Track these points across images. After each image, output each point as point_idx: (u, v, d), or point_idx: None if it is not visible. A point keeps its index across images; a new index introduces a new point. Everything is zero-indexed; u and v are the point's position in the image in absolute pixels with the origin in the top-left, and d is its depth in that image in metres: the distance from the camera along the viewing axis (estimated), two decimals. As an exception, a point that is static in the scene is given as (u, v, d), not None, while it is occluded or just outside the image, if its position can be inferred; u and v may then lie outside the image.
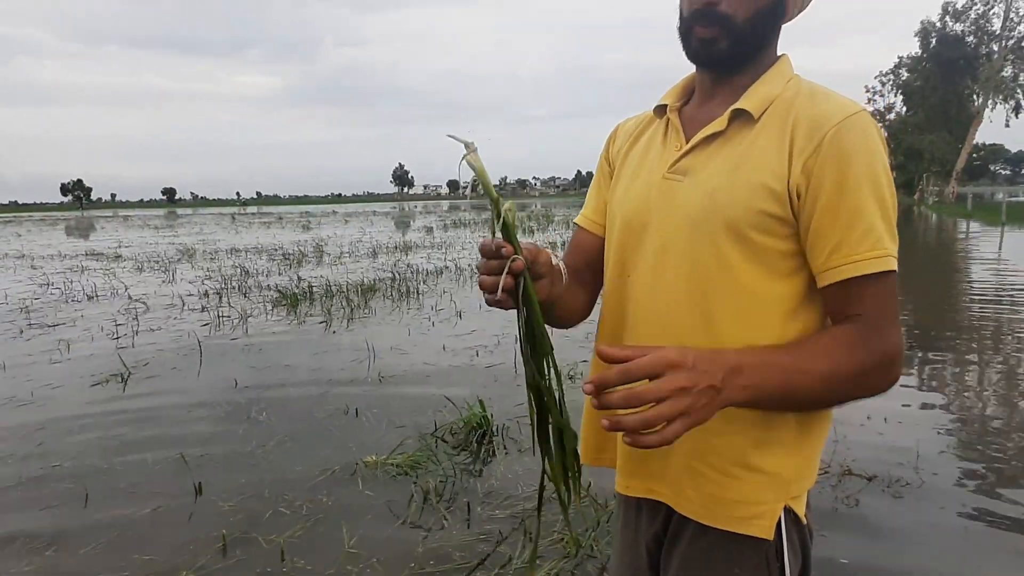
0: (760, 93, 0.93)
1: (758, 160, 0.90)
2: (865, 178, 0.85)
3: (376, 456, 3.42)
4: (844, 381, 0.86)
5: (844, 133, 0.85)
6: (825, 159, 0.85)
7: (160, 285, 10.69)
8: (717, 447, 0.94)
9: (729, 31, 0.91)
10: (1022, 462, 3.31)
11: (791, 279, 0.91)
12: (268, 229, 29.66)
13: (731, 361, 0.80)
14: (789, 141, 0.88)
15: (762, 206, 0.88)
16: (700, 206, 0.92)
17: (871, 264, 0.85)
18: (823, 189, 0.86)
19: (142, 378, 5.13)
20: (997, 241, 15.76)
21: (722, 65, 0.96)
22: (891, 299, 0.88)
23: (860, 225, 0.85)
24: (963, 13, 41.92)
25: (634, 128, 1.12)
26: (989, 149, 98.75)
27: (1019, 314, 7.13)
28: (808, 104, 0.89)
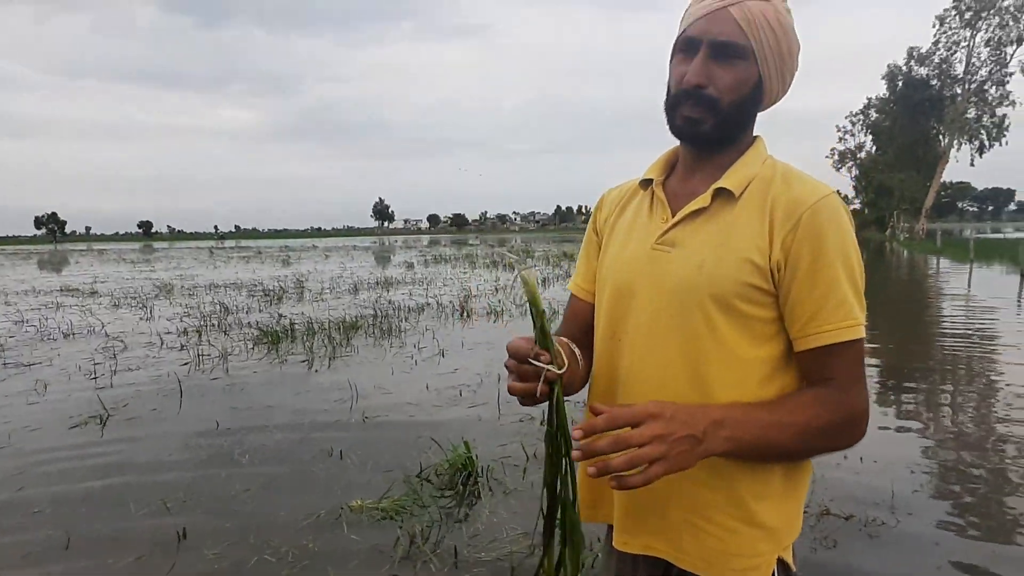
0: (740, 173, 1.02)
1: (741, 236, 0.99)
2: (837, 254, 0.95)
3: (361, 500, 3.42)
4: (815, 436, 0.95)
5: (818, 214, 0.95)
6: (802, 237, 0.95)
7: (138, 322, 10.58)
8: (714, 502, 1.01)
9: (715, 113, 1.00)
10: (993, 501, 3.41)
11: (771, 343, 1.00)
12: (247, 264, 29.50)
13: (715, 415, 0.90)
14: (769, 220, 0.98)
15: (747, 279, 0.97)
16: (689, 277, 1.01)
17: (844, 333, 0.95)
18: (800, 264, 0.95)
19: (122, 420, 5.08)
20: (966, 277, 16.19)
21: (704, 143, 1.05)
22: (859, 363, 0.98)
23: (834, 297, 0.95)
24: (927, 58, 43.58)
25: (619, 198, 1.20)
26: (956, 187, 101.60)
27: (988, 350, 7.33)
28: (784, 186, 0.99)
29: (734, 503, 1.01)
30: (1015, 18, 38.00)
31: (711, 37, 0.98)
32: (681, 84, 1.00)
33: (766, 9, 0.97)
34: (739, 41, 0.97)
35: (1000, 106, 39.96)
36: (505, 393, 5.46)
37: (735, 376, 1.00)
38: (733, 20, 0.97)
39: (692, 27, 1.00)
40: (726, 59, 0.98)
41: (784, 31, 1.00)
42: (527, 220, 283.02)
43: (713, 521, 1.02)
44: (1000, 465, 3.87)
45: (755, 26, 0.97)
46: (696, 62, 0.99)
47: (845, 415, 0.96)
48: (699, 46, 0.99)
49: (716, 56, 0.98)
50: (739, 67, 0.99)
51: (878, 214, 55.79)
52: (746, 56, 0.98)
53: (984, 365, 6.69)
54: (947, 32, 41.18)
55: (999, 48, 39.18)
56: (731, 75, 0.99)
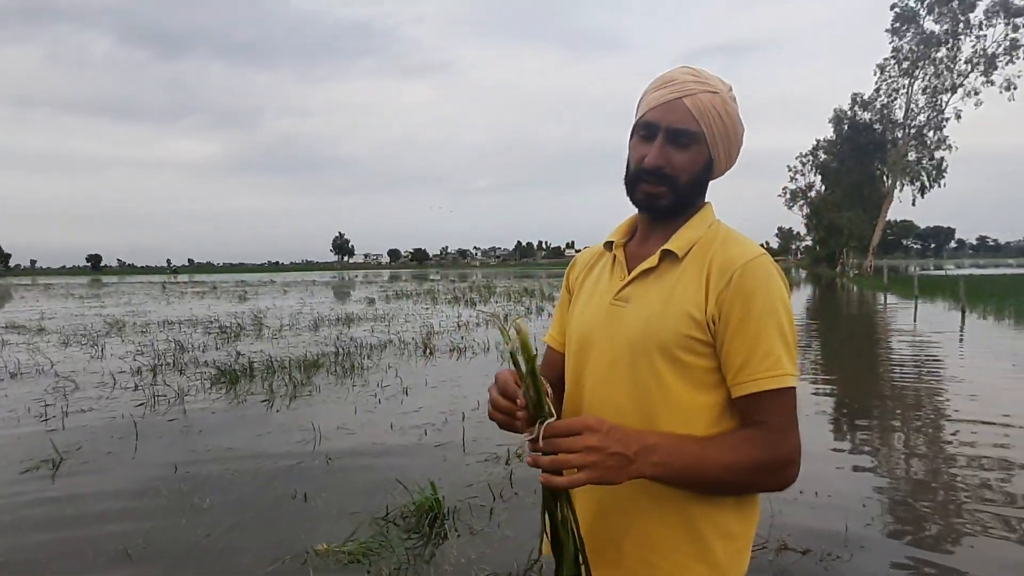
0: (684, 237, 1.14)
1: (683, 293, 1.10)
2: (766, 310, 1.05)
3: (327, 543, 3.39)
4: (743, 473, 1.04)
5: (748, 273, 1.06)
6: (733, 294, 1.06)
7: (89, 361, 10.29)
8: (670, 539, 1.09)
9: (673, 190, 1.13)
10: (942, 532, 3.56)
11: (714, 391, 1.10)
12: (202, 299, 28.89)
13: (648, 440, 1.00)
14: (706, 278, 1.09)
15: (687, 331, 1.08)
16: (638, 330, 1.12)
17: (769, 382, 1.04)
18: (732, 318, 1.06)
19: (76, 464, 4.93)
20: (912, 313, 16.84)
21: (661, 214, 1.17)
22: (789, 410, 1.07)
23: (761, 349, 1.05)
24: (870, 103, 45.78)
25: (589, 259, 1.33)
26: (901, 225, 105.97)
27: (935, 383, 7.65)
28: (721, 248, 1.11)
29: (691, 540, 1.09)
30: (948, 68, 40.33)
31: (668, 124, 1.10)
32: (642, 164, 1.13)
33: (715, 100, 1.10)
34: (692, 128, 1.10)
35: (938, 149, 42.10)
36: (471, 432, 5.50)
37: (682, 421, 1.08)
38: (687, 109, 1.09)
39: (650, 113, 1.12)
40: (681, 144, 1.11)
41: (730, 118, 1.13)
42: (488, 255, 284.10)
43: (666, 557, 1.10)
44: (948, 497, 4.05)
45: (705, 115, 1.09)
46: (655, 147, 1.11)
47: (774, 457, 1.05)
48: (657, 132, 1.11)
49: (672, 141, 1.11)
50: (692, 150, 1.11)
51: (829, 251, 57.77)
52: (699, 141, 1.11)
53: (931, 398, 6.98)
54: (887, 80, 43.41)
55: (935, 96, 41.42)
56: (686, 157, 1.11)
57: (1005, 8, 38.12)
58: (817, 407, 6.58)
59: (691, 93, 1.09)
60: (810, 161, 54.78)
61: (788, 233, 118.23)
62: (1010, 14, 38.06)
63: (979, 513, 3.75)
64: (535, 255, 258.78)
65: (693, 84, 1.10)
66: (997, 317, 14.77)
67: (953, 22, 39.50)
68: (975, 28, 39.22)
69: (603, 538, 1.13)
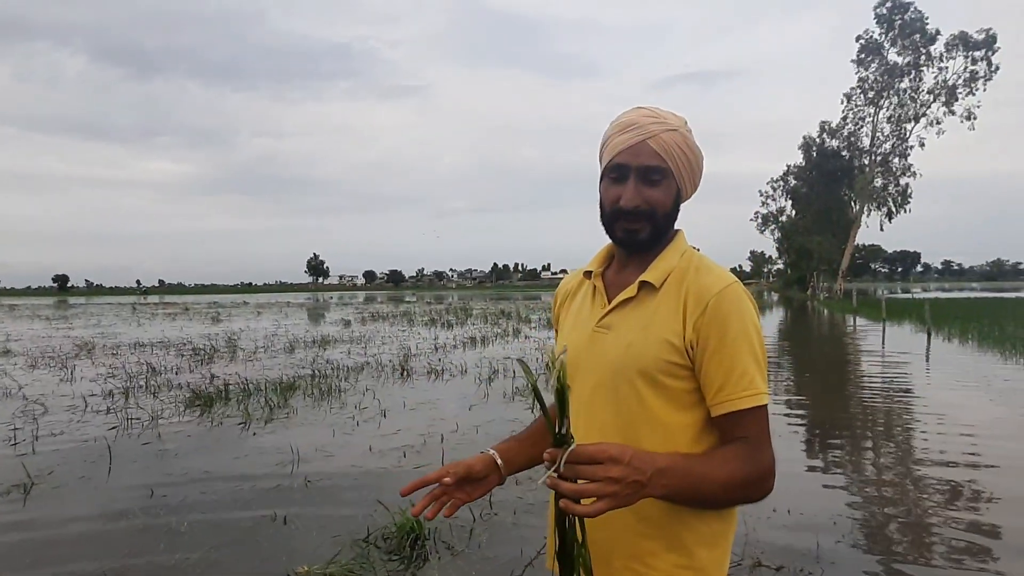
0: (660, 267, 1.23)
1: (661, 321, 1.18)
2: (740, 335, 1.14)
3: (308, 566, 3.39)
4: (736, 488, 1.12)
5: (722, 300, 1.15)
6: (709, 320, 1.14)
7: (58, 384, 10.09)
8: (654, 549, 1.17)
9: (651, 224, 1.22)
10: (911, 548, 3.67)
11: (694, 411, 1.18)
12: (174, 321, 28.47)
13: (660, 463, 1.05)
14: (683, 306, 1.17)
15: (666, 357, 1.16)
16: (619, 355, 1.20)
17: (746, 401, 1.13)
18: (709, 344, 1.14)
19: (47, 488, 4.85)
20: (880, 335, 17.22)
21: (642, 248, 1.25)
22: (764, 425, 1.15)
23: (737, 371, 1.13)
24: (837, 131, 47.09)
25: (570, 288, 1.42)
26: (869, 249, 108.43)
27: (903, 402, 7.84)
28: (696, 277, 1.19)
29: (675, 549, 1.16)
30: (912, 98, 41.71)
31: (638, 164, 1.19)
32: (617, 205, 1.21)
33: (675, 137, 1.20)
34: (660, 165, 1.19)
35: (903, 176, 43.33)
36: (450, 454, 5.54)
37: (663, 439, 1.16)
38: (652, 150, 1.18)
39: (619, 157, 1.20)
40: (652, 181, 1.20)
41: (691, 150, 1.22)
42: (464, 277, 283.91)
43: (651, 566, 1.17)
44: (916, 514, 4.17)
45: (670, 152, 1.19)
46: (630, 188, 1.20)
47: (758, 470, 1.13)
48: (629, 173, 1.20)
49: (643, 179, 1.20)
50: (663, 185, 1.20)
51: (800, 274, 58.84)
52: (667, 176, 1.20)
53: (900, 418, 7.16)
54: (853, 108, 44.76)
55: (899, 124, 42.75)
56: (658, 193, 1.20)
57: (964, 42, 39.66)
58: (790, 427, 6.71)
59: (653, 135, 1.18)
60: (781, 186, 55.94)
61: (760, 256, 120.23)
62: (969, 47, 39.60)
63: (946, 529, 3.88)
64: (511, 277, 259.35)
65: (653, 125, 1.19)
66: (961, 339, 15.16)
67: (915, 54, 40.96)
68: (936, 60, 40.72)
69: (593, 555, 1.19)
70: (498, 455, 1.30)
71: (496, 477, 1.28)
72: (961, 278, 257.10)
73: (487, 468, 1.26)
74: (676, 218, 1.27)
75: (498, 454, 1.30)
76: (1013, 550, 3.58)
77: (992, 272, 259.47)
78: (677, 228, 1.29)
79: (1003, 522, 3.97)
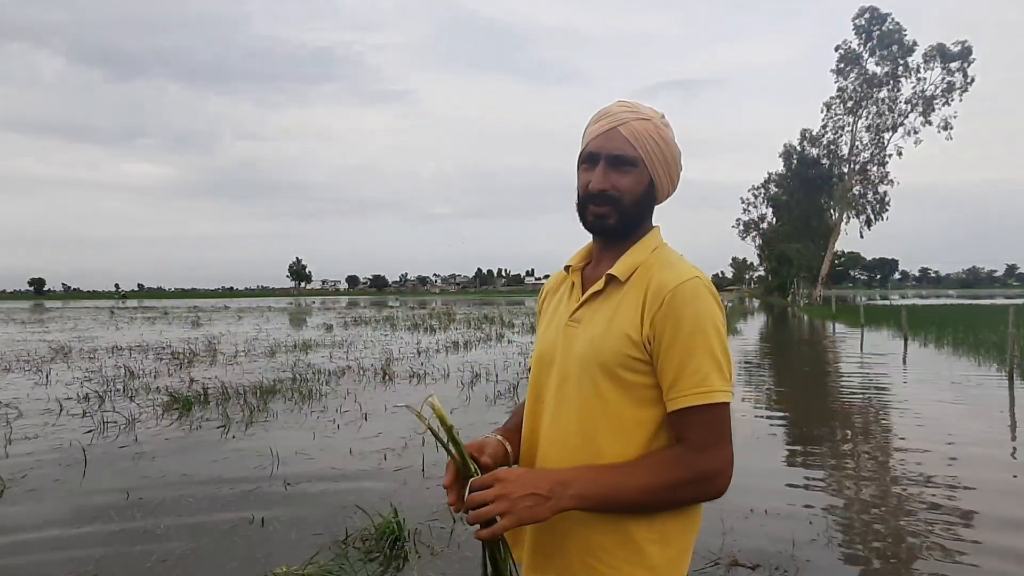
0: (627, 261, 1.23)
1: (623, 315, 1.19)
2: (695, 330, 1.12)
3: (287, 567, 3.37)
4: (661, 491, 1.13)
5: (677, 295, 1.14)
6: (665, 315, 1.14)
7: (32, 388, 9.93)
8: (605, 544, 1.17)
9: (617, 210, 1.22)
10: (885, 547, 3.72)
11: (654, 407, 1.17)
12: (153, 325, 28.13)
13: (562, 476, 1.13)
14: (643, 301, 1.17)
15: (625, 351, 1.16)
16: (584, 349, 1.21)
17: (697, 398, 1.11)
18: (664, 338, 1.14)
19: (21, 492, 4.78)
20: (859, 341, 17.43)
21: (610, 235, 1.26)
22: (715, 425, 1.13)
23: (689, 367, 1.12)
24: (818, 139, 47.72)
25: (554, 284, 1.44)
26: (848, 256, 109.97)
27: (880, 406, 7.95)
28: (658, 272, 1.19)
29: (626, 545, 1.16)
30: (890, 108, 42.40)
31: (607, 151, 1.21)
32: (588, 189, 1.23)
33: (647, 126, 1.21)
34: (630, 153, 1.20)
35: (881, 184, 44.02)
36: (430, 457, 5.53)
37: (620, 435, 1.17)
38: (623, 137, 1.20)
39: (592, 144, 1.23)
40: (621, 167, 1.21)
41: (665, 141, 1.23)
42: (448, 282, 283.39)
43: (604, 561, 1.17)
44: (891, 513, 4.23)
45: (640, 140, 1.20)
46: (598, 172, 1.22)
47: (694, 473, 1.12)
48: (599, 159, 1.22)
49: (613, 166, 1.21)
50: (632, 173, 1.22)
51: (780, 281, 59.43)
52: (637, 164, 1.21)
53: (877, 420, 7.26)
54: (833, 117, 45.43)
55: (878, 133, 43.43)
56: (627, 179, 1.21)
57: (942, 53, 40.42)
58: (768, 429, 6.78)
59: (624, 122, 1.20)
60: (762, 194, 56.64)
61: (742, 263, 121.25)
62: (946, 59, 40.35)
63: (920, 528, 3.94)
64: (495, 282, 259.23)
65: (626, 114, 1.21)
66: (937, 344, 15.40)
67: (893, 65, 41.68)
68: (914, 71, 41.45)
69: (550, 546, 1.22)
70: (506, 441, 1.32)
71: (506, 461, 1.29)
72: (938, 285, 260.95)
73: (497, 450, 1.28)
74: (649, 212, 1.27)
75: (505, 440, 1.32)
76: (987, 550, 3.65)
77: (968, 280, 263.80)
78: (655, 224, 1.30)
79: (977, 520, 4.04)
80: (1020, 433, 6.58)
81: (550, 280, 1.47)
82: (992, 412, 7.55)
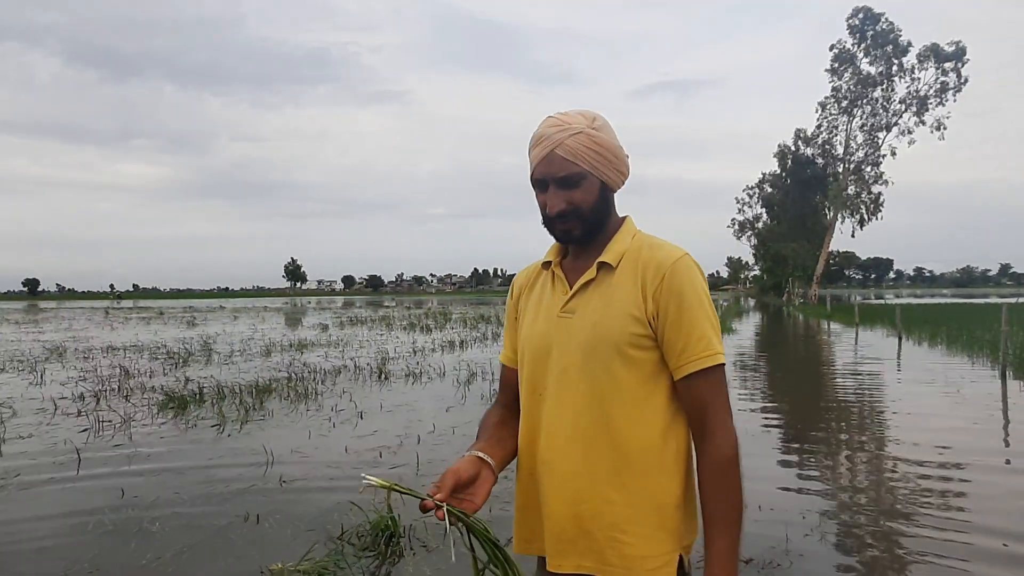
0: (615, 249, 1.30)
1: (622, 298, 1.26)
2: (695, 301, 1.23)
3: (282, 563, 3.38)
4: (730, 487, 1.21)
5: (676, 272, 1.24)
6: (668, 291, 1.23)
7: (27, 387, 9.92)
8: (632, 517, 1.23)
9: (580, 220, 1.28)
10: (877, 542, 3.75)
11: (659, 379, 1.26)
12: (148, 325, 28.07)
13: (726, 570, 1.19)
14: (641, 281, 1.25)
15: (632, 329, 1.23)
16: (588, 335, 1.26)
17: (706, 361, 1.22)
18: (669, 312, 1.23)
19: (16, 490, 4.78)
20: (853, 340, 17.51)
21: (581, 242, 1.33)
22: (722, 382, 1.25)
23: (695, 335, 1.22)
24: (812, 139, 47.86)
25: (526, 280, 1.47)
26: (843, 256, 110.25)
27: (873, 403, 7.99)
28: (649, 253, 1.28)
29: (657, 510, 1.23)
30: (884, 108, 42.55)
31: (552, 175, 1.27)
32: (548, 211, 1.29)
33: (580, 139, 1.25)
34: (573, 171, 1.25)
35: (875, 184, 44.15)
36: (426, 455, 5.54)
37: (634, 409, 1.24)
38: (561, 158, 1.25)
39: (536, 170, 1.28)
40: (570, 186, 1.27)
41: (600, 146, 1.27)
42: (444, 282, 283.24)
43: (631, 533, 1.23)
44: (883, 509, 4.25)
45: (579, 155, 1.25)
46: (551, 196, 1.28)
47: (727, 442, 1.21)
48: (547, 184, 1.28)
49: (562, 187, 1.27)
50: (582, 185, 1.27)
51: (775, 280, 59.59)
52: (584, 176, 1.26)
53: (870, 417, 7.30)
54: (828, 117, 45.57)
55: (872, 133, 43.58)
56: (578, 193, 1.27)
57: (935, 53, 40.57)
58: (763, 426, 6.81)
59: (559, 143, 1.24)
60: (757, 193, 56.77)
61: (737, 263, 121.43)
62: (940, 59, 40.52)
63: (912, 523, 3.97)
64: (491, 282, 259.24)
65: (558, 134, 1.25)
66: (931, 343, 15.48)
67: (887, 64, 41.82)
68: (908, 71, 41.61)
69: (575, 532, 1.25)
70: (482, 453, 1.30)
71: (489, 473, 1.27)
72: (933, 284, 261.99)
73: (475, 467, 1.25)
74: (611, 206, 1.34)
75: (482, 452, 1.30)
76: (979, 547, 3.67)
77: (962, 279, 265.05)
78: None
79: (968, 516, 4.07)
80: (1012, 429, 6.62)
81: (520, 278, 1.50)
82: (985, 409, 7.59)
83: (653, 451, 1.24)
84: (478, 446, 1.32)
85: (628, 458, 1.23)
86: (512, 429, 1.38)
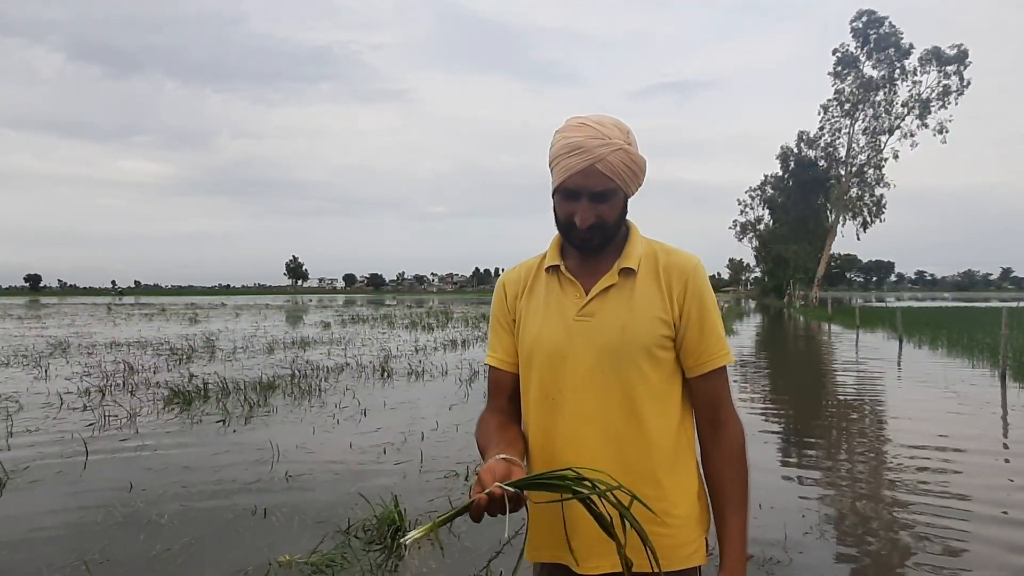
0: (634, 254, 1.35)
1: (647, 301, 1.31)
2: (711, 304, 1.34)
3: (289, 556, 3.44)
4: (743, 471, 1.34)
5: (696, 278, 1.33)
6: (692, 295, 1.32)
7: (32, 382, 9.98)
8: (666, 510, 1.29)
9: (604, 231, 1.32)
10: (876, 538, 3.80)
11: (676, 377, 1.35)
12: (151, 321, 28.14)
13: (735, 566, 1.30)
14: (666, 286, 1.32)
15: (660, 331, 1.31)
16: (615, 338, 1.30)
17: (723, 359, 1.34)
18: (692, 315, 1.32)
19: (24, 483, 4.83)
20: (854, 342, 17.54)
21: (596, 251, 1.35)
22: (726, 380, 1.37)
23: (714, 336, 1.33)
24: (815, 141, 47.84)
25: (522, 280, 1.44)
26: (845, 258, 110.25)
27: (873, 405, 8.04)
28: (667, 258, 1.35)
29: (685, 501, 1.32)
30: (887, 111, 42.51)
31: (589, 189, 1.26)
32: (572, 220, 1.29)
33: (621, 156, 1.26)
34: (609, 186, 1.27)
35: (877, 186, 44.11)
36: (429, 451, 5.60)
37: (660, 406, 1.32)
38: (600, 173, 1.25)
39: (570, 180, 1.26)
40: (603, 199, 1.28)
41: (635, 163, 1.29)
42: (445, 281, 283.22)
43: (668, 524, 1.29)
44: (881, 506, 4.30)
45: (618, 171, 1.26)
46: (583, 209, 1.28)
47: (738, 441, 1.34)
48: (581, 195, 1.27)
49: (595, 200, 1.28)
50: (612, 200, 1.29)
51: (776, 282, 59.54)
52: (616, 191, 1.29)
53: (870, 419, 7.34)
54: (830, 120, 45.47)
55: (874, 136, 43.54)
56: (608, 207, 1.29)
57: (937, 57, 40.54)
58: (764, 426, 6.86)
59: (601, 158, 1.24)
60: (759, 195, 56.74)
61: (738, 264, 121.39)
62: (942, 62, 40.48)
63: (912, 522, 4.02)
64: (493, 282, 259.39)
65: (600, 148, 1.24)
66: (931, 346, 15.51)
67: (890, 68, 41.78)
68: (910, 74, 41.58)
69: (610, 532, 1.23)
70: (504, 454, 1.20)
71: (519, 469, 1.17)
72: (934, 288, 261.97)
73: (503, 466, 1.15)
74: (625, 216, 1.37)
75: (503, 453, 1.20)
76: (978, 545, 3.72)
77: (963, 282, 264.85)
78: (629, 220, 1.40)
79: (968, 516, 4.12)
80: (1011, 431, 6.66)
81: (511, 278, 1.46)
82: (984, 411, 7.63)
83: (678, 445, 1.33)
84: (495, 450, 1.22)
85: (662, 454, 1.30)
86: (515, 432, 1.35)
